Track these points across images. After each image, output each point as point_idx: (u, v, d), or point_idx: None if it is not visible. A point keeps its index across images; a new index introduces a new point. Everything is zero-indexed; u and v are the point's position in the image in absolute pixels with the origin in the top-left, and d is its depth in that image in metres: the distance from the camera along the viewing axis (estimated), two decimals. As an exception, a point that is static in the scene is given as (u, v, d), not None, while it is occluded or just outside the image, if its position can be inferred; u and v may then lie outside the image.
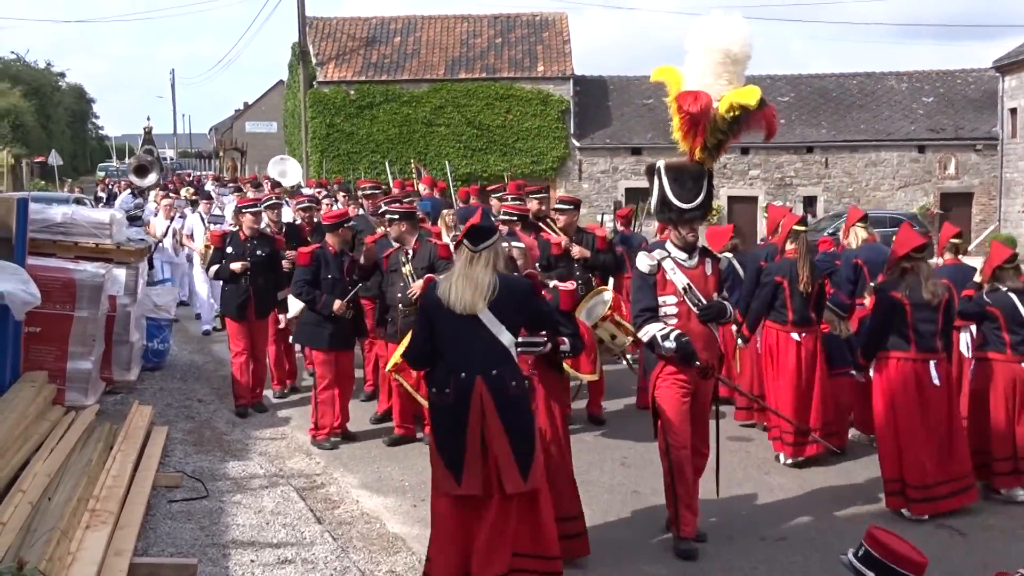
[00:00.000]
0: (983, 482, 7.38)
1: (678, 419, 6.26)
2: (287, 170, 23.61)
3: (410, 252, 8.60)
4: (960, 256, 8.68)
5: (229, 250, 9.91)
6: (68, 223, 10.15)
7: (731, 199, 32.78)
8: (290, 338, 10.31)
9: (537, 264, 8.39)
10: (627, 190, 32.45)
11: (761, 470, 8.06)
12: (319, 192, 17.45)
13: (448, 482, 5.19)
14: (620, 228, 12.67)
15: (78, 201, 22.81)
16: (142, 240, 11.69)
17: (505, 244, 5.84)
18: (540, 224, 9.66)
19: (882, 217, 28.83)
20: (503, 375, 5.13)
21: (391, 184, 18.92)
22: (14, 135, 52.33)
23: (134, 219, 17.68)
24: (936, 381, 6.97)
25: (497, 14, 36.04)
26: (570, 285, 6.42)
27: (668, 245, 6.45)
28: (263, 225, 10.47)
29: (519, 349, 5.56)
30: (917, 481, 6.85)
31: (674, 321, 6.27)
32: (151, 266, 14.99)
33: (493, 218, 10.53)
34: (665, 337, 6.18)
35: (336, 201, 14.80)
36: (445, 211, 11.28)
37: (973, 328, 7.97)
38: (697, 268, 6.39)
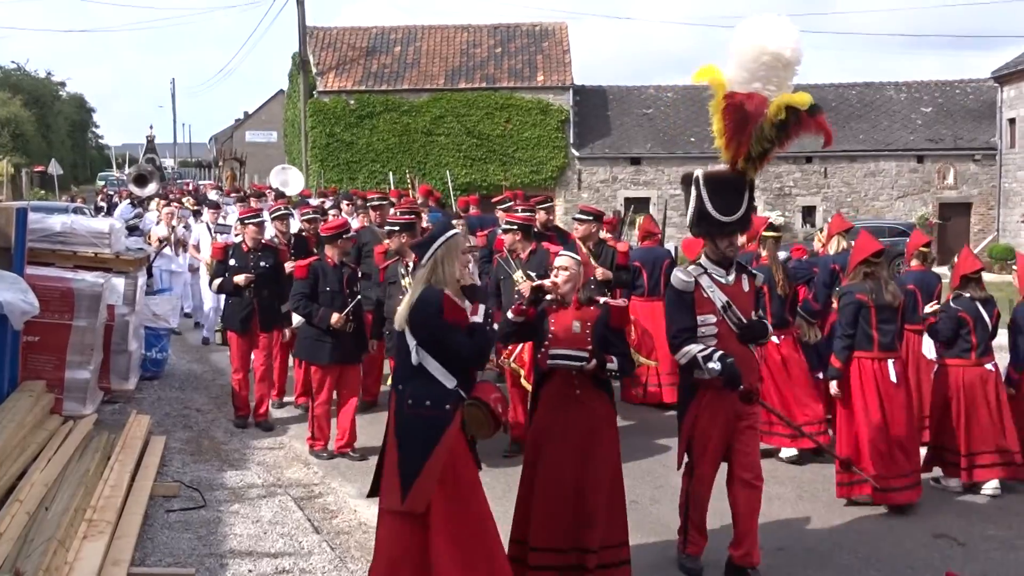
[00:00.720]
0: (954, 477, 7.78)
1: (712, 451, 5.95)
2: (289, 179, 23.60)
3: (410, 264, 8.45)
4: (926, 264, 8.98)
5: (232, 262, 9.68)
6: (67, 233, 10.16)
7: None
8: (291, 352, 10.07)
9: (592, 283, 8.10)
10: (626, 199, 32.49)
11: (759, 480, 8.04)
12: (323, 202, 17.37)
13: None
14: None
15: (77, 211, 22.81)
16: (141, 250, 11.70)
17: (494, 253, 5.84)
18: (548, 234, 9.52)
19: (881, 227, 28.92)
20: (404, 392, 5.02)
21: (388, 194, 18.85)
22: (14, 144, 52.38)
23: (133, 229, 17.66)
24: (894, 379, 7.31)
25: (497, 24, 36.13)
26: (621, 301, 6.09)
27: (704, 260, 6.09)
28: (271, 236, 10.29)
29: (556, 363, 5.55)
30: (875, 472, 7.11)
31: (713, 342, 5.87)
32: (150, 275, 14.93)
33: (500, 229, 10.43)
34: (708, 358, 5.77)
35: (340, 211, 14.68)
36: (453, 222, 11.23)
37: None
38: (735, 284, 6.02)
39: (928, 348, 8.60)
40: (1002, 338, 8.17)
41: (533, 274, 8.27)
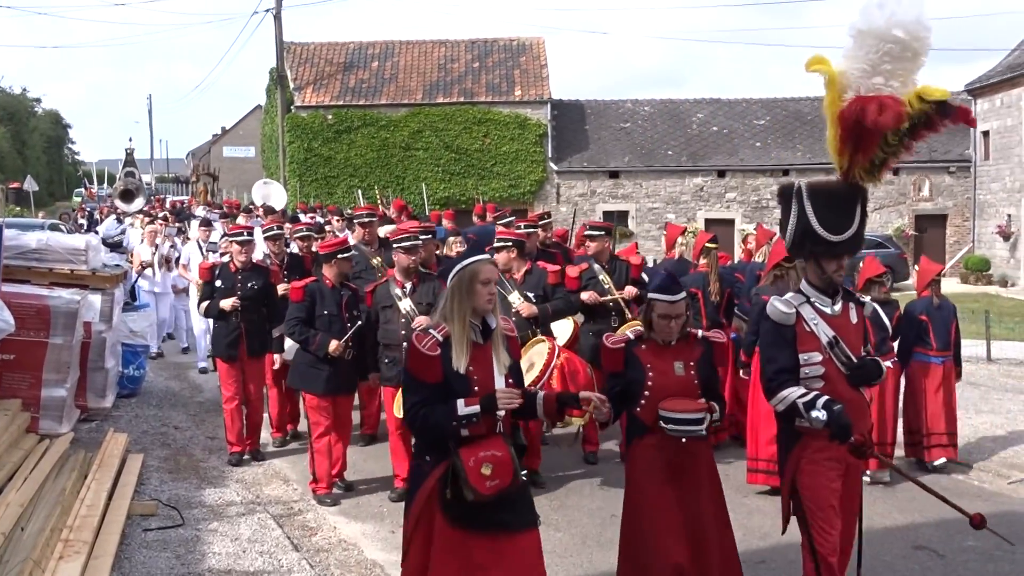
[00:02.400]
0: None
1: (831, 513, 5.03)
2: (271, 193, 23.20)
3: (407, 286, 7.77)
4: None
5: (218, 283, 9.06)
6: (43, 249, 10.10)
7: (708, 222, 32.93)
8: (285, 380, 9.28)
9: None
10: (605, 213, 32.56)
11: (740, 492, 8.06)
12: (311, 216, 17.03)
13: None
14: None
15: (53, 227, 22.64)
16: (118, 266, 11.62)
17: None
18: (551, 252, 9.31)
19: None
20: None
21: (374, 210, 18.59)
22: (-11, 161, 52.05)
23: (116, 246, 17.43)
24: None
25: (474, 39, 36.19)
26: (720, 336, 5.33)
27: (806, 287, 5.25)
28: (261, 255, 9.83)
29: (673, 429, 4.91)
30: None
31: (819, 384, 5.03)
32: (134, 297, 14.61)
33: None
34: (811, 405, 4.92)
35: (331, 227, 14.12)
36: (452, 238, 10.76)
37: None
38: (842, 315, 5.17)
39: None
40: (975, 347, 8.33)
41: (531, 295, 8.14)
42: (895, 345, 8.78)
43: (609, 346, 5.19)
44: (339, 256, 8.09)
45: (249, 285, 9.03)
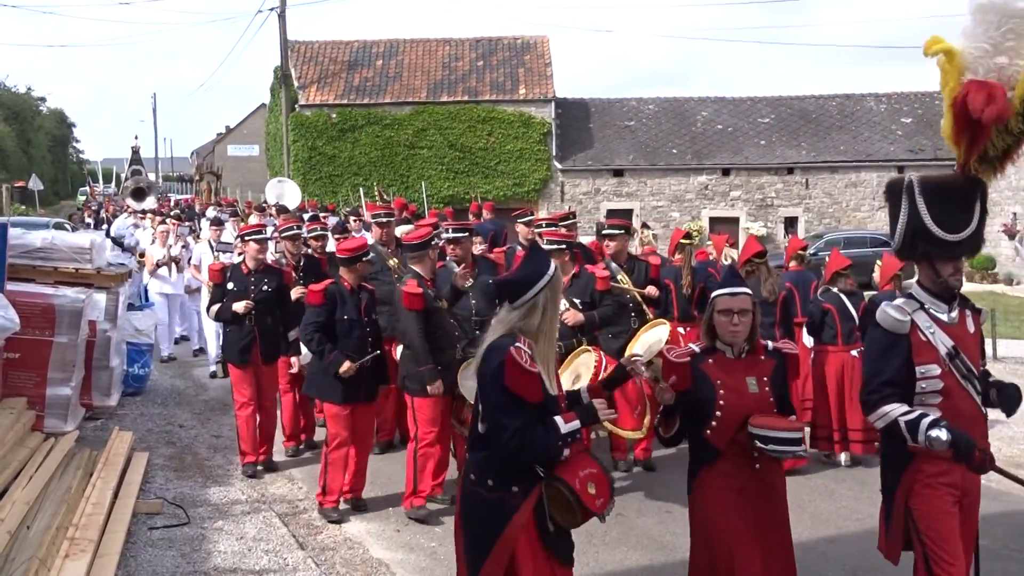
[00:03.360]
0: (824, 452, 8.90)
1: (954, 543, 4.53)
2: (285, 192, 22.68)
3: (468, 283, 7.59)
4: (803, 264, 9.97)
5: (230, 285, 8.71)
6: (48, 248, 10.10)
7: (712, 220, 32.92)
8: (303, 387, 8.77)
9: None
10: (609, 211, 32.53)
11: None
12: (326, 217, 16.09)
13: None
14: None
15: (58, 226, 22.63)
16: (122, 265, 11.62)
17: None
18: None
19: (863, 237, 29.09)
20: (469, 462, 4.10)
21: (391, 208, 18.26)
22: (-6, 160, 52.15)
23: (120, 243, 17.31)
24: None
25: (479, 37, 36.18)
26: (792, 347, 4.84)
27: (919, 292, 4.69)
28: (277, 256, 9.48)
29: (768, 449, 4.37)
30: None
31: (936, 400, 4.50)
32: (146, 298, 14.50)
33: (519, 246, 9.94)
34: (917, 424, 4.39)
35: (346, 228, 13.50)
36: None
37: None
38: (959, 324, 4.65)
39: (808, 339, 9.49)
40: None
41: (577, 301, 7.75)
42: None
43: (673, 360, 4.63)
44: (362, 259, 7.71)
45: (263, 288, 8.71)
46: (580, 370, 6.99)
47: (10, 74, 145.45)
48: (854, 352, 8.69)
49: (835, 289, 8.97)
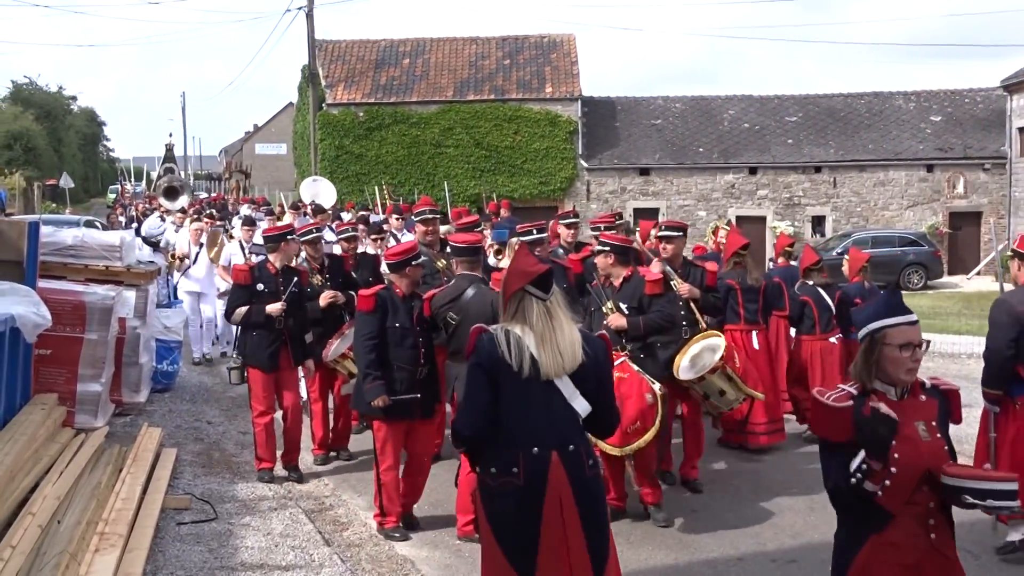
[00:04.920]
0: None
1: None
2: (320, 191, 22.37)
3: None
4: (791, 260, 10.65)
5: (259, 287, 8.29)
6: (78, 246, 10.21)
7: (739, 219, 32.77)
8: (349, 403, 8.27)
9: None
10: (635, 210, 32.46)
11: (771, 491, 8.03)
12: (363, 216, 15.62)
13: None
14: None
15: (88, 224, 22.76)
16: (152, 262, 11.72)
17: None
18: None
19: (891, 236, 28.87)
20: (579, 451, 4.18)
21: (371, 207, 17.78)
22: (26, 158, 52.74)
23: (157, 245, 17.28)
24: (756, 346, 9.25)
25: (505, 36, 36.18)
26: (952, 384, 4.08)
27: None
28: (301, 259, 9.18)
29: (988, 502, 3.70)
30: (739, 418, 8.75)
31: None
32: (174, 296, 14.31)
33: (561, 249, 9.74)
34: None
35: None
36: (513, 240, 9.64)
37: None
38: None
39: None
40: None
41: (624, 306, 7.40)
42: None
43: (830, 404, 3.74)
44: (412, 264, 7.16)
45: (292, 288, 8.39)
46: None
47: (41, 73, 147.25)
48: (832, 339, 9.62)
49: (811, 283, 9.74)
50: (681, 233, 8.35)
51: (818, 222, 33.13)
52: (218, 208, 22.92)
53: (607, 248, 7.58)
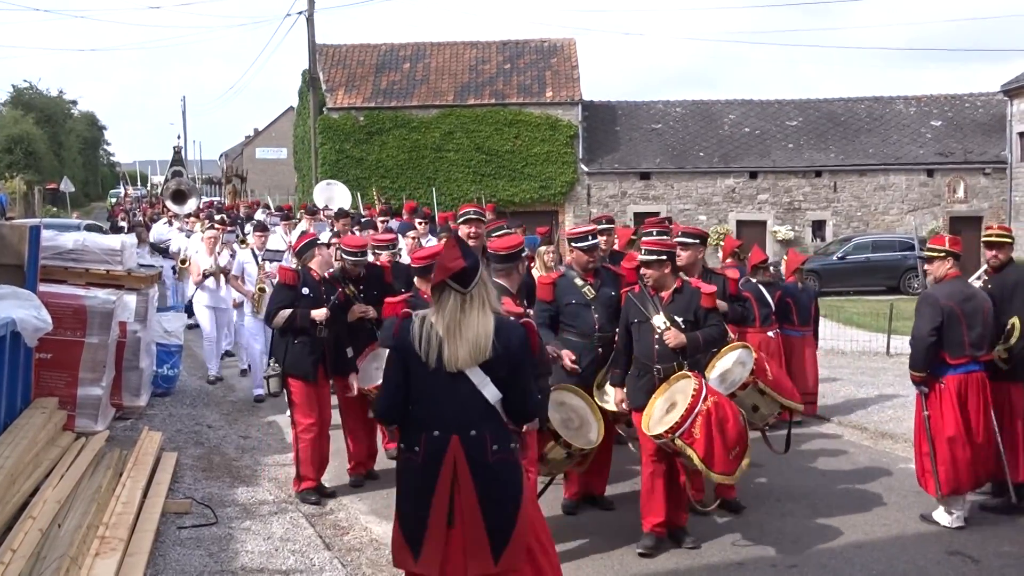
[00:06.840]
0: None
1: None
2: (334, 195, 21.87)
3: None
4: (739, 261, 10.90)
5: (305, 291, 8.03)
6: (79, 250, 10.21)
7: (740, 223, 32.80)
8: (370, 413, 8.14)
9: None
10: (636, 214, 32.47)
11: (772, 496, 8.03)
12: (385, 221, 15.04)
13: (403, 555, 4.52)
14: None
15: (90, 228, 22.73)
16: (152, 267, 11.70)
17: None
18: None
19: (891, 241, 28.89)
20: (483, 436, 4.36)
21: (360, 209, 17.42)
22: (26, 162, 52.76)
23: (166, 251, 17.08)
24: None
25: (506, 40, 36.23)
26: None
27: None
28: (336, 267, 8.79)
29: None
30: None
31: None
32: (190, 314, 13.79)
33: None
34: None
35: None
36: (542, 248, 9.72)
37: None
38: None
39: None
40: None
41: (679, 320, 6.70)
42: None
43: None
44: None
45: (333, 297, 8.16)
46: (676, 398, 6.44)
47: (42, 77, 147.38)
48: (770, 333, 10.27)
49: (754, 280, 10.34)
50: (698, 241, 7.83)
51: (818, 226, 33.15)
52: (229, 215, 22.34)
53: (664, 257, 6.77)
